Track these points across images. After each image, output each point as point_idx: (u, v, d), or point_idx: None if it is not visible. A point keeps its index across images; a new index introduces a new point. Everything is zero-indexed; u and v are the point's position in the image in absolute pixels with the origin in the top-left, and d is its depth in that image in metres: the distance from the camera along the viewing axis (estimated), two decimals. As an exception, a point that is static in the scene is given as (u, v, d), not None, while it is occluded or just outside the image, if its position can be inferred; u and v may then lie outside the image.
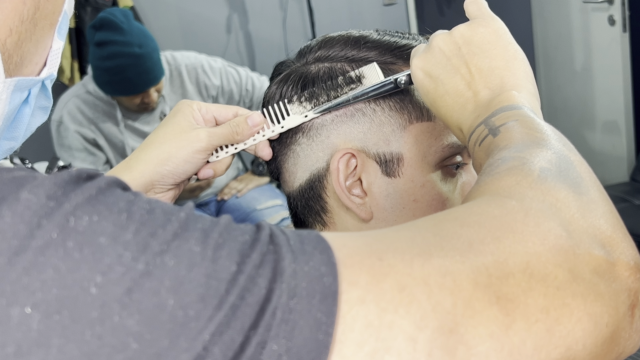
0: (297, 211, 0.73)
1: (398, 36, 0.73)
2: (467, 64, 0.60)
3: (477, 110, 0.58)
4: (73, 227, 0.36)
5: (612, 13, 3.44)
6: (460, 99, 0.60)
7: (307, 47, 0.74)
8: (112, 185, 0.39)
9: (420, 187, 0.69)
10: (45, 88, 0.52)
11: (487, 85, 0.59)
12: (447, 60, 0.61)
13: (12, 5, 0.44)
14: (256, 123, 0.71)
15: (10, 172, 0.38)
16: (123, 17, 2.18)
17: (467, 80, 0.60)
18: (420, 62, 0.63)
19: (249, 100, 2.51)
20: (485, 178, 0.49)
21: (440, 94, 0.61)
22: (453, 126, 0.61)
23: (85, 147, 2.34)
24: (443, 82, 0.61)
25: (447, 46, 0.62)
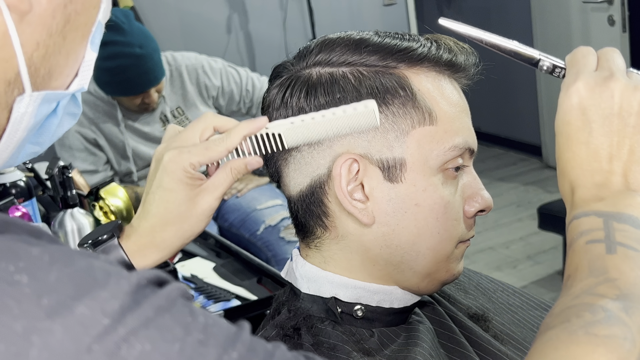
0: (298, 215, 0.73)
1: (399, 38, 0.71)
2: (625, 136, 0.55)
3: (603, 190, 0.53)
4: (123, 357, 0.34)
5: (611, 13, 3.44)
6: (593, 163, 0.55)
7: (306, 49, 0.73)
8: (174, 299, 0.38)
9: (422, 191, 0.69)
10: (75, 97, 0.51)
11: (628, 174, 0.54)
12: (611, 115, 0.55)
13: (41, 19, 0.44)
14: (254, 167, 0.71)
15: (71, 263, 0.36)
16: (124, 18, 2.18)
17: (613, 152, 0.55)
18: (585, 91, 0.57)
19: (249, 100, 2.51)
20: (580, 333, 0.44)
21: (580, 140, 0.56)
22: (565, 177, 0.56)
23: (85, 147, 2.34)
24: (591, 132, 0.55)
25: (622, 101, 0.55)
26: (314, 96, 0.69)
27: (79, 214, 1.49)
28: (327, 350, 0.69)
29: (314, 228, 0.73)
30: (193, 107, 2.42)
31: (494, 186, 4.12)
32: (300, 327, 0.71)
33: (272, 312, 0.77)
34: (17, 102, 0.44)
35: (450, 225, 0.71)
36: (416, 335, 0.71)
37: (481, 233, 3.50)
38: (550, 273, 3.09)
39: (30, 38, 0.43)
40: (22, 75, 0.44)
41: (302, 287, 0.73)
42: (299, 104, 0.70)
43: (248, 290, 1.59)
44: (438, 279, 0.73)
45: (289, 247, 2.23)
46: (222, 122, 0.72)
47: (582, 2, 3.61)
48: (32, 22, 0.43)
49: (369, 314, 0.72)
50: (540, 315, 0.86)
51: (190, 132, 0.71)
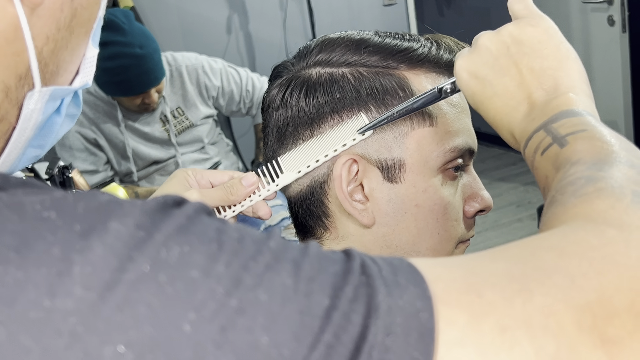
0: (299, 215, 0.73)
1: (399, 38, 0.72)
2: (517, 64, 0.58)
3: (532, 113, 0.56)
4: (165, 259, 0.34)
5: (611, 13, 3.45)
6: (511, 101, 0.57)
7: (306, 49, 0.73)
8: (200, 212, 0.38)
9: (422, 192, 0.69)
10: (77, 96, 0.51)
11: (541, 86, 0.56)
12: (494, 60, 0.59)
13: (50, 12, 0.43)
14: (250, 183, 0.71)
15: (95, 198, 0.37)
16: (124, 18, 2.18)
17: (518, 81, 0.57)
18: (465, 63, 0.61)
19: (249, 100, 2.51)
20: (572, 199, 0.45)
21: (488, 95, 0.59)
22: (503, 129, 0.59)
23: (86, 147, 2.34)
24: (491, 83, 0.58)
25: (494, 45, 0.59)
26: (313, 96, 0.69)
27: (79, 214, 1.49)
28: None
29: (314, 228, 0.73)
30: (193, 107, 2.42)
31: (493, 186, 4.12)
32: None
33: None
34: (27, 98, 0.44)
35: (450, 225, 0.71)
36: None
37: (481, 233, 3.50)
38: (550, 273, 3.08)
39: (40, 31, 0.43)
40: (32, 69, 0.43)
41: (302, 287, 0.74)
42: (298, 104, 0.70)
43: (248, 290, 1.59)
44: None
45: (289, 247, 2.23)
46: None
47: (582, 2, 3.61)
48: (42, 15, 0.43)
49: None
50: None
51: None
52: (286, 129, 0.71)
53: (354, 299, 0.36)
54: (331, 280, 0.36)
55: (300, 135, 0.70)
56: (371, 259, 0.39)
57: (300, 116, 0.70)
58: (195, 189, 0.71)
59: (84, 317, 0.32)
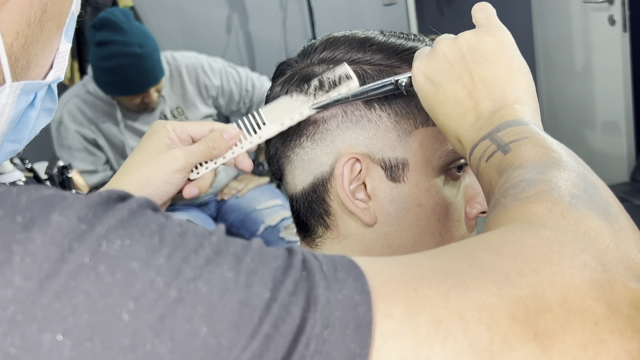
0: (300, 213, 0.73)
1: (404, 38, 0.72)
2: (470, 72, 0.59)
3: (479, 122, 0.57)
4: (105, 251, 0.35)
5: (612, 13, 3.44)
6: (460, 108, 0.58)
7: (310, 47, 0.73)
8: (143, 206, 0.39)
9: (424, 191, 0.69)
10: (51, 90, 0.51)
11: (489, 97, 0.57)
12: (449, 67, 0.60)
13: (20, 8, 0.44)
14: (232, 136, 0.71)
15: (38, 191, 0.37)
16: (123, 17, 2.18)
17: (469, 89, 0.58)
18: (422, 66, 0.62)
19: (249, 100, 2.51)
20: (512, 202, 0.47)
21: (440, 100, 0.60)
22: (451, 135, 0.60)
23: (85, 147, 2.34)
24: (444, 88, 0.60)
25: (451, 52, 0.60)
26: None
27: (78, 214, 1.49)
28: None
29: (315, 227, 0.72)
30: (193, 106, 2.42)
31: (494, 186, 4.11)
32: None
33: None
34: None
35: (451, 226, 0.70)
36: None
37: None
38: (550, 273, 3.08)
39: (9, 27, 0.43)
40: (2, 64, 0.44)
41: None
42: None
43: (248, 291, 1.58)
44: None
45: (289, 247, 2.23)
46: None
47: (582, 2, 3.61)
48: (11, 10, 0.43)
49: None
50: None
51: None
52: (289, 127, 0.71)
53: (294, 292, 0.37)
54: (272, 274, 0.37)
55: (303, 131, 0.70)
56: (313, 256, 0.40)
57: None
58: (178, 147, 0.71)
59: (22, 306, 0.33)
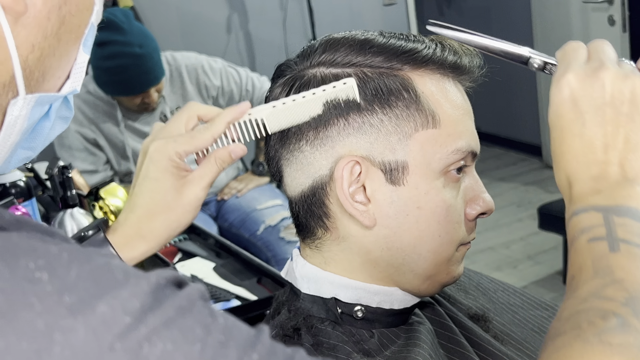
0: (299, 215, 0.73)
1: (404, 39, 0.71)
2: (618, 125, 0.54)
3: (601, 182, 0.52)
4: (145, 355, 0.34)
5: (612, 13, 3.44)
6: (589, 154, 0.54)
7: (310, 48, 0.72)
8: (193, 299, 0.38)
9: (424, 194, 0.69)
10: (67, 100, 0.51)
11: (624, 163, 0.53)
12: (602, 104, 0.54)
13: (36, 21, 0.43)
14: (238, 155, 0.72)
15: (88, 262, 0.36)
16: (123, 17, 2.18)
17: (608, 141, 0.54)
18: (576, 83, 0.56)
19: (249, 100, 2.51)
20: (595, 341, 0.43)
21: (573, 131, 0.55)
22: (561, 169, 0.56)
23: (85, 147, 2.34)
24: (584, 123, 0.54)
25: (613, 90, 0.55)
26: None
27: (78, 214, 1.49)
28: (327, 350, 0.69)
29: (314, 229, 0.72)
30: (193, 107, 2.42)
31: (494, 186, 4.12)
32: (300, 327, 0.71)
33: (272, 312, 0.76)
34: (11, 105, 0.44)
35: (451, 228, 0.70)
36: (416, 336, 0.71)
37: (481, 233, 3.50)
38: (550, 273, 3.08)
39: (25, 40, 0.43)
40: (16, 78, 0.43)
41: (302, 288, 0.73)
42: None
43: (248, 290, 1.59)
44: (439, 281, 0.73)
45: (289, 247, 2.23)
46: (205, 110, 0.73)
47: (582, 2, 3.61)
48: (27, 24, 0.43)
49: (369, 315, 0.71)
50: (541, 315, 0.86)
51: (175, 122, 0.73)
52: (289, 129, 0.71)
53: None
54: None
55: (303, 135, 0.70)
56: None
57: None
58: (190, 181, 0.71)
59: None
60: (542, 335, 0.84)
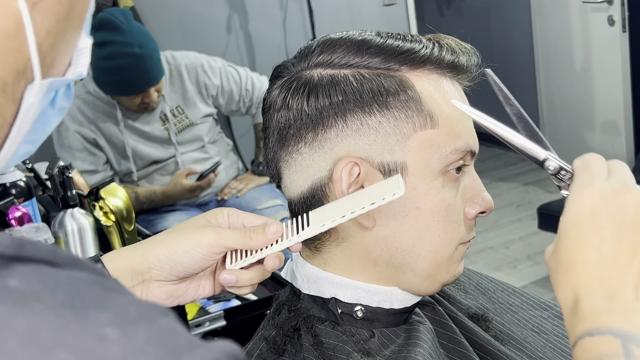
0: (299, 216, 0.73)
1: (401, 39, 0.71)
2: (638, 247, 0.53)
3: (615, 302, 0.51)
4: None
5: (611, 13, 3.44)
6: (603, 271, 0.52)
7: (307, 49, 0.72)
8: None
9: (423, 194, 0.69)
10: (69, 88, 0.50)
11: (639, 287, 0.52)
12: (624, 225, 0.54)
13: (51, 6, 0.43)
14: (273, 231, 0.66)
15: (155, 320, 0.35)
16: (123, 18, 2.18)
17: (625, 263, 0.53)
18: (599, 196, 0.55)
19: (249, 100, 2.51)
20: None
21: (591, 244, 0.54)
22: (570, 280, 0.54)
23: (85, 147, 2.34)
24: (603, 239, 0.54)
25: (637, 213, 0.54)
26: (315, 98, 0.69)
27: (79, 214, 1.49)
28: (328, 350, 0.69)
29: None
30: (193, 106, 2.42)
31: (493, 186, 4.12)
32: (301, 327, 0.71)
33: (272, 312, 0.77)
34: (27, 91, 0.43)
35: (451, 227, 0.70)
36: (416, 336, 0.71)
37: (481, 233, 3.50)
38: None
39: (41, 26, 0.43)
40: (33, 65, 0.43)
41: (302, 288, 0.73)
42: (300, 106, 0.70)
43: (248, 290, 1.58)
44: (438, 280, 0.73)
45: (288, 247, 2.23)
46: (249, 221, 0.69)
47: (582, 2, 3.61)
48: (43, 9, 0.43)
49: (369, 315, 0.72)
50: (541, 315, 0.86)
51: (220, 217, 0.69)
52: (287, 132, 0.71)
53: None
54: None
55: (302, 137, 0.70)
56: None
57: (302, 119, 0.70)
58: (213, 227, 0.66)
59: None
60: (541, 336, 0.84)
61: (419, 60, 0.70)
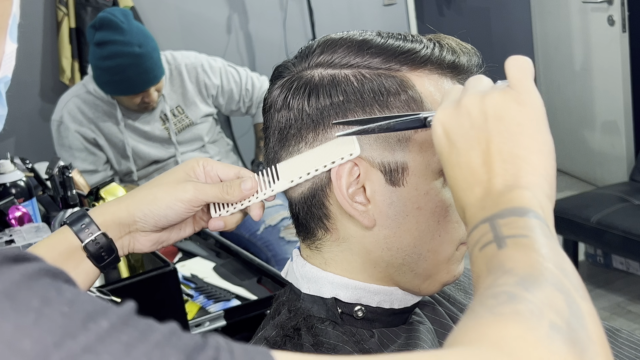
0: (299, 216, 0.73)
1: (402, 39, 0.71)
2: (488, 141, 0.55)
3: (486, 199, 0.54)
4: None
5: (611, 13, 3.44)
6: (470, 178, 0.56)
7: (308, 49, 0.72)
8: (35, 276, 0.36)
9: (424, 194, 0.69)
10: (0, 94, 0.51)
11: (503, 173, 0.54)
12: (470, 128, 0.57)
13: None
14: (248, 188, 0.72)
15: None
16: (123, 17, 2.18)
17: (484, 159, 0.55)
18: (444, 117, 0.59)
19: (249, 99, 2.51)
20: (487, 315, 0.45)
21: (452, 162, 0.57)
22: (457, 202, 0.58)
23: (85, 147, 2.34)
24: (459, 151, 0.57)
25: (475, 112, 0.57)
26: (315, 98, 0.69)
27: (79, 213, 1.49)
28: (328, 350, 0.69)
29: (315, 230, 0.72)
30: (193, 105, 2.42)
31: (493, 186, 4.11)
32: (301, 327, 0.71)
33: (272, 312, 0.77)
34: None
35: (451, 227, 0.70)
36: (416, 336, 0.71)
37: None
38: (550, 273, 3.08)
39: None
40: None
41: (302, 288, 0.73)
42: (300, 106, 0.70)
43: (248, 290, 1.59)
44: (439, 280, 0.73)
45: (289, 247, 2.23)
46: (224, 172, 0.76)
47: (582, 2, 3.61)
48: None
49: (369, 315, 0.72)
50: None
51: None
52: (288, 131, 0.71)
53: None
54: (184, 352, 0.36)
55: (303, 137, 0.70)
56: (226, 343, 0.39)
57: (303, 119, 0.70)
58: (193, 182, 0.72)
59: None
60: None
61: (420, 60, 0.70)
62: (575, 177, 4.02)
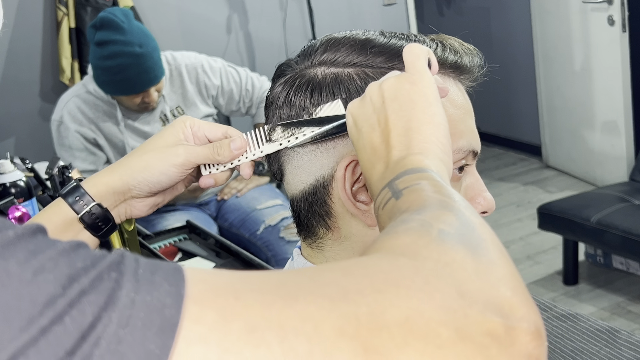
0: (301, 214, 0.73)
1: (405, 39, 0.71)
2: (386, 120, 0.59)
3: (385, 172, 0.57)
4: None
5: (611, 13, 3.44)
6: (373, 157, 0.59)
7: (311, 48, 0.72)
8: None
9: None
10: None
11: (398, 146, 0.58)
12: (371, 113, 0.61)
13: None
14: (237, 147, 0.74)
15: None
16: (123, 17, 2.18)
17: (382, 138, 0.59)
18: (352, 109, 0.63)
19: (249, 100, 2.51)
20: (383, 237, 0.47)
21: (359, 147, 0.61)
22: (366, 183, 0.60)
23: (85, 147, 2.34)
24: (363, 135, 0.61)
25: (375, 97, 0.61)
26: (318, 96, 0.69)
27: (79, 213, 1.49)
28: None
29: (316, 228, 0.72)
30: (193, 106, 2.42)
31: (494, 186, 4.12)
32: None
33: (272, 312, 0.76)
34: None
35: (451, 226, 0.70)
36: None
37: (481, 233, 3.50)
38: (550, 273, 3.09)
39: None
40: None
41: (302, 287, 0.73)
42: (302, 104, 0.70)
43: (248, 290, 1.58)
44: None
45: (289, 247, 2.23)
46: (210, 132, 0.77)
47: (582, 2, 3.61)
48: None
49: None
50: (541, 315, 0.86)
51: None
52: (291, 126, 0.71)
53: (90, 291, 0.36)
54: (71, 272, 0.37)
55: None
56: (134, 259, 0.39)
57: (304, 116, 0.70)
58: (183, 145, 0.74)
59: None
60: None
61: None
62: (575, 177, 4.02)
